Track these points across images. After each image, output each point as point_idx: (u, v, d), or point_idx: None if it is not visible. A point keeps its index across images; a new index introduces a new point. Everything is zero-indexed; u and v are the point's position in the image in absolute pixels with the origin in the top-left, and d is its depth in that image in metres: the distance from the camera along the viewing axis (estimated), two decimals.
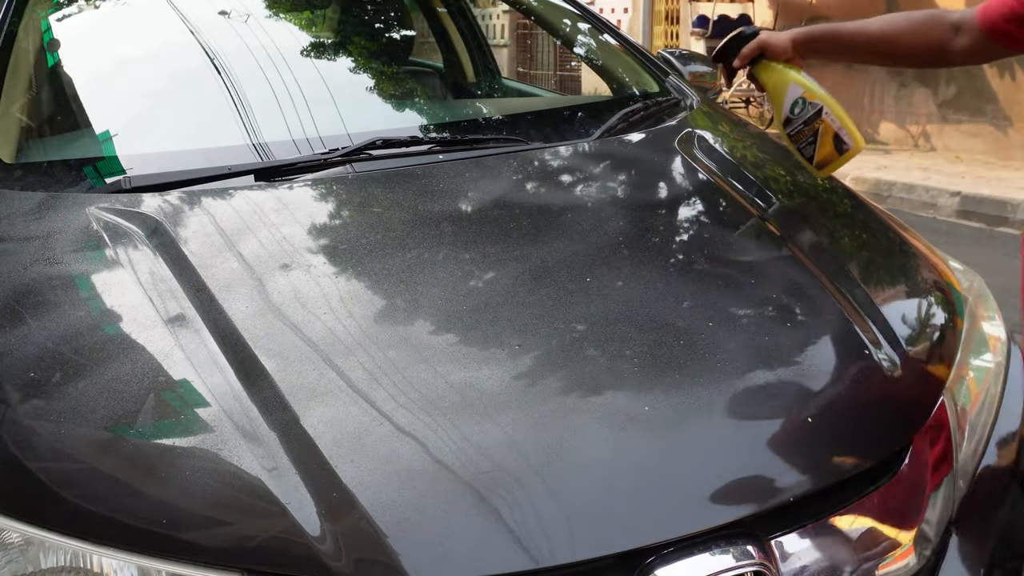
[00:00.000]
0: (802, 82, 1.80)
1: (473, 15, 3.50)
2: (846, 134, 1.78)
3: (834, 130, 1.78)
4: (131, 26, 2.30)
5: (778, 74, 1.82)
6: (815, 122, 1.79)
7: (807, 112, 1.80)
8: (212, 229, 1.58)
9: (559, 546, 1.08)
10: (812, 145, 1.82)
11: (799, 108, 1.80)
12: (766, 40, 1.81)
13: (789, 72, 1.81)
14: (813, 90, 1.80)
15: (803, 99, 1.79)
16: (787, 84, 1.81)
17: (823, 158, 1.82)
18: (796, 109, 1.80)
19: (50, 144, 2.05)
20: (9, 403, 1.25)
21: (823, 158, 1.82)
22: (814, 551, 1.20)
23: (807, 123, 1.80)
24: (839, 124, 1.78)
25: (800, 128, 1.82)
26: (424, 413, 1.19)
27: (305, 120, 1.93)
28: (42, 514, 1.13)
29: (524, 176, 1.86)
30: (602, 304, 1.43)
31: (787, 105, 1.81)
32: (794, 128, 1.83)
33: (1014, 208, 5.94)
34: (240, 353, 1.29)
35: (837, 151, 1.80)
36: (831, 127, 1.78)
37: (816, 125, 1.79)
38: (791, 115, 1.82)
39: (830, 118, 1.78)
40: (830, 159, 1.82)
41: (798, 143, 1.84)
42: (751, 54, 1.83)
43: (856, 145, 1.79)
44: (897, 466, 1.31)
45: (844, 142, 1.79)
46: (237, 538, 1.09)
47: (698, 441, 1.22)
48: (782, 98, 1.82)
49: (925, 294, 1.69)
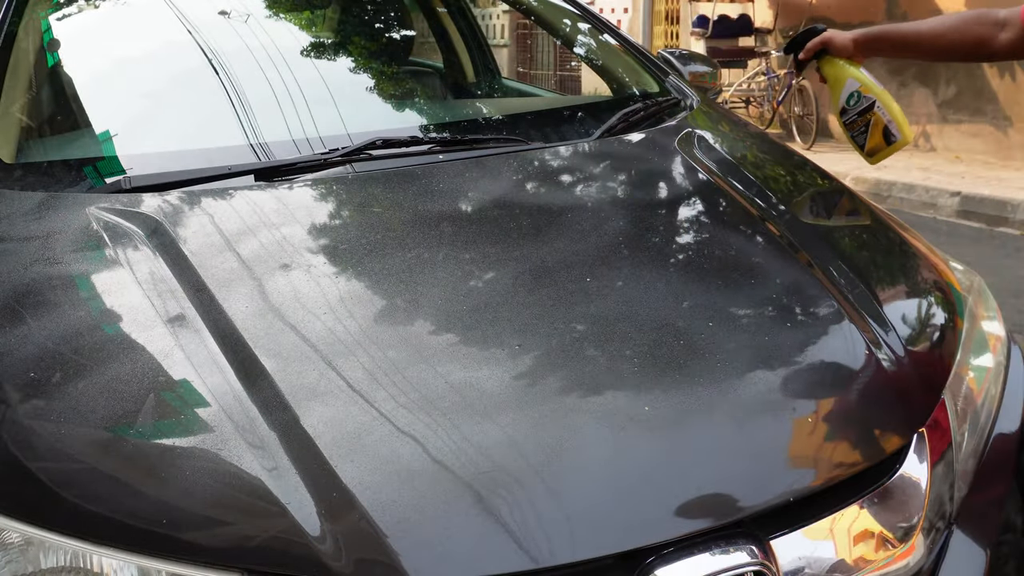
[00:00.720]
0: (859, 77, 1.98)
1: (473, 15, 3.50)
2: (895, 127, 1.96)
3: (884, 122, 1.96)
4: (131, 26, 2.30)
5: (838, 68, 2.01)
6: (868, 114, 1.97)
7: (861, 104, 1.98)
8: (212, 229, 1.58)
9: (559, 546, 1.08)
10: (864, 135, 2.00)
11: (854, 100, 1.98)
12: (830, 37, 2.01)
13: (848, 67, 2.00)
14: (869, 85, 1.98)
15: (858, 92, 1.98)
16: (845, 78, 1.99)
17: (873, 146, 2.00)
18: (852, 101, 1.99)
19: (50, 144, 2.05)
20: (9, 403, 1.25)
21: (873, 146, 2.00)
22: (814, 551, 1.20)
23: (860, 114, 1.98)
24: (889, 117, 1.96)
25: (854, 118, 2.00)
26: (424, 413, 1.19)
27: (305, 120, 1.93)
28: (42, 514, 1.13)
29: (524, 176, 1.86)
30: (602, 304, 1.43)
31: (843, 97, 2.00)
32: (849, 118, 2.01)
33: (1014, 208, 5.94)
34: (240, 353, 1.29)
35: (886, 141, 1.98)
36: (881, 119, 1.96)
37: (868, 116, 1.98)
38: (847, 106, 2.00)
39: (881, 111, 1.96)
40: (879, 148, 1.99)
41: (852, 131, 2.02)
42: (814, 48, 2.02)
43: (904, 137, 1.96)
44: (897, 466, 1.31)
45: (892, 134, 1.96)
46: (237, 538, 1.09)
47: (698, 441, 1.23)
48: (840, 90, 2.01)
49: (925, 294, 1.69)
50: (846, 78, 2.00)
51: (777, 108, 9.05)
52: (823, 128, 8.82)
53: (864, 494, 1.26)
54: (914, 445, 1.34)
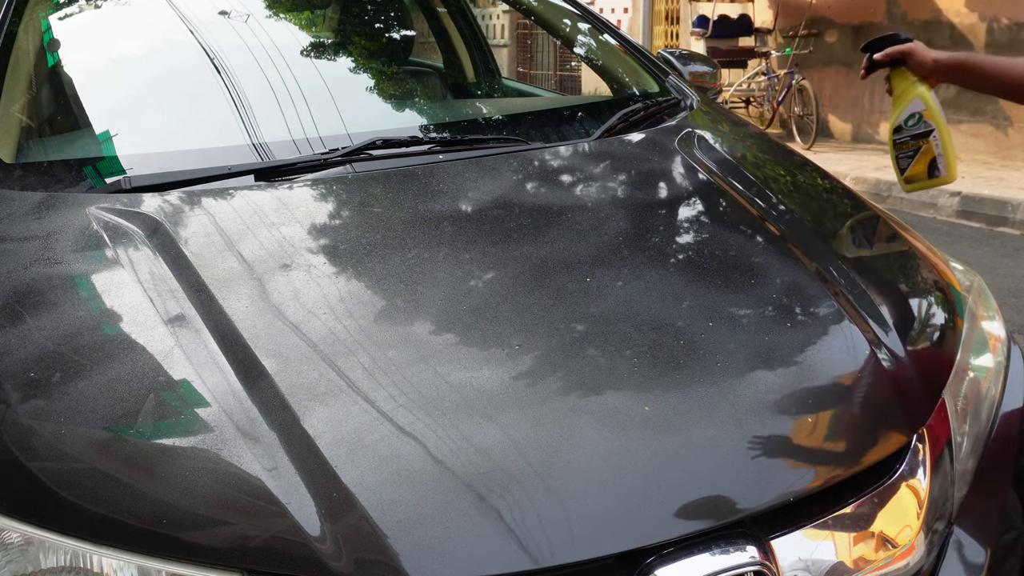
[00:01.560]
0: (927, 99, 1.91)
1: (473, 15, 3.50)
2: (943, 162, 1.90)
3: (935, 154, 1.91)
4: (131, 26, 2.30)
5: (908, 84, 1.93)
6: (921, 140, 1.91)
7: (918, 128, 1.91)
8: (212, 229, 1.58)
9: (559, 546, 1.08)
10: (910, 159, 1.94)
11: (913, 121, 1.92)
12: (913, 49, 1.91)
13: (919, 86, 1.92)
14: (933, 110, 1.90)
15: (920, 115, 1.91)
16: (912, 96, 1.92)
17: (914, 174, 1.94)
18: (910, 121, 1.92)
19: (50, 144, 2.05)
20: (9, 403, 1.25)
21: (914, 174, 1.94)
22: (814, 551, 1.20)
23: (914, 137, 1.92)
24: (941, 151, 1.90)
25: (906, 139, 1.94)
26: (424, 413, 1.19)
27: (305, 120, 1.94)
28: (42, 514, 1.13)
29: (524, 176, 1.86)
30: (602, 304, 1.43)
31: (904, 114, 1.92)
32: (901, 137, 1.94)
33: (1014, 208, 5.94)
34: (240, 353, 1.29)
35: (928, 174, 1.93)
36: (933, 150, 1.90)
37: (921, 143, 1.91)
38: (903, 124, 1.93)
39: (936, 142, 1.90)
40: (919, 178, 1.94)
41: (899, 152, 1.96)
42: (894, 55, 1.93)
43: (948, 175, 1.91)
44: (897, 466, 1.31)
45: (938, 168, 1.91)
46: (237, 538, 1.09)
47: (698, 441, 1.22)
48: (903, 106, 1.93)
49: (925, 294, 1.69)
50: (913, 96, 1.92)
51: (777, 108, 9.05)
52: (823, 128, 8.83)
53: (864, 494, 1.26)
54: (914, 445, 1.34)
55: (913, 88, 1.92)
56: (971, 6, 7.72)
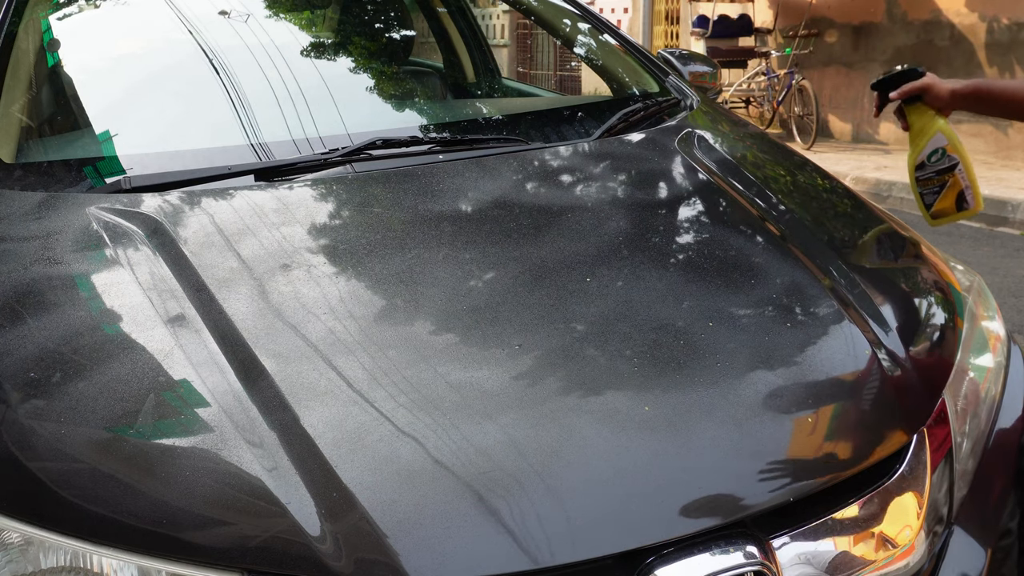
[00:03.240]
0: (949, 134, 1.89)
1: (473, 15, 3.50)
2: (971, 194, 1.88)
3: (962, 187, 1.88)
4: (131, 26, 2.30)
5: (927, 120, 1.90)
6: (947, 175, 1.89)
7: (943, 163, 1.89)
8: (212, 229, 1.58)
9: (559, 546, 1.08)
10: (936, 194, 1.91)
11: (936, 157, 1.89)
12: (931, 84, 1.89)
13: (938, 121, 1.90)
14: (956, 144, 1.88)
15: (943, 150, 1.88)
16: (934, 132, 1.89)
17: (941, 209, 1.92)
18: (934, 157, 1.89)
19: (50, 144, 2.05)
20: (9, 403, 1.25)
21: (941, 209, 1.92)
22: (814, 551, 1.20)
23: (939, 172, 1.89)
24: (968, 183, 1.88)
25: (931, 175, 1.91)
26: (424, 413, 1.19)
27: (305, 120, 1.94)
28: (42, 514, 1.13)
29: (524, 176, 1.86)
30: (602, 304, 1.43)
31: (927, 150, 1.90)
32: (925, 174, 1.92)
33: (1014, 208, 5.94)
34: (240, 353, 1.29)
35: (957, 207, 1.90)
36: (960, 183, 1.88)
37: (946, 177, 1.89)
38: (927, 161, 1.90)
39: (962, 175, 1.88)
40: (947, 212, 1.92)
41: (923, 188, 1.93)
42: (911, 91, 1.90)
43: (976, 206, 1.89)
44: (897, 466, 1.31)
45: (967, 201, 1.89)
46: (237, 538, 1.09)
47: (698, 441, 1.22)
48: (924, 142, 1.90)
49: (925, 294, 1.69)
50: (935, 132, 1.89)
51: (777, 108, 9.05)
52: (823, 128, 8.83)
53: (864, 494, 1.26)
54: (914, 445, 1.34)
55: (933, 123, 1.89)
56: (971, 6, 7.72)
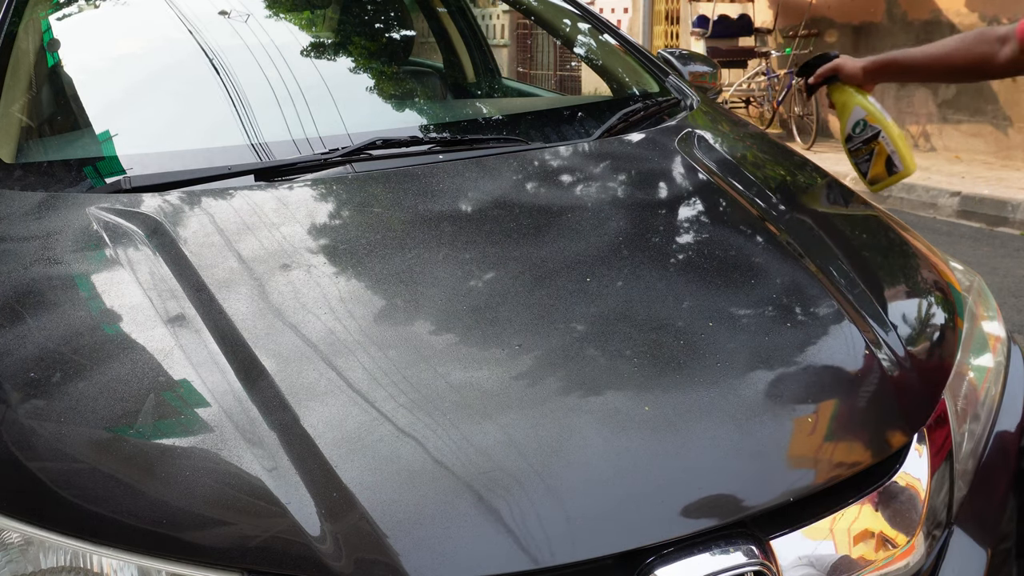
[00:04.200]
0: (866, 106, 2.02)
1: (473, 15, 3.50)
2: (897, 157, 2.00)
3: (888, 152, 2.00)
4: (131, 26, 2.30)
5: (847, 96, 2.05)
6: (872, 143, 2.01)
7: (866, 133, 2.01)
8: (212, 229, 1.58)
9: (559, 546, 1.08)
10: (867, 163, 2.04)
11: (860, 128, 2.02)
12: (841, 64, 2.04)
13: (856, 96, 2.03)
14: (874, 114, 2.01)
15: (864, 121, 2.01)
16: (853, 106, 2.03)
17: (875, 175, 2.04)
18: (857, 129, 2.02)
19: (50, 144, 2.05)
20: (9, 403, 1.25)
21: (875, 175, 2.04)
22: (814, 551, 1.20)
23: (865, 143, 2.02)
24: (892, 148, 1.99)
25: (859, 146, 2.04)
26: (424, 413, 1.19)
27: (305, 120, 1.93)
28: (42, 514, 1.13)
29: (524, 176, 1.86)
30: (602, 304, 1.43)
31: (850, 124, 2.04)
32: (854, 145, 2.05)
33: (1014, 208, 5.94)
34: (240, 353, 1.29)
35: (888, 171, 2.02)
36: (885, 149, 2.00)
37: (872, 146, 2.01)
38: (852, 133, 2.04)
39: (885, 141, 1.99)
40: (881, 177, 2.03)
41: (856, 159, 2.06)
42: (825, 73, 2.06)
43: (906, 169, 2.00)
44: (897, 466, 1.31)
45: (895, 164, 2.00)
46: (237, 538, 1.09)
47: (698, 441, 1.22)
48: (847, 117, 2.04)
49: (925, 294, 1.69)
50: (853, 106, 2.02)
51: (777, 108, 9.05)
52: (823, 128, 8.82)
53: (864, 494, 1.26)
54: (914, 445, 1.34)
55: (852, 98, 2.04)
56: (971, 6, 7.72)
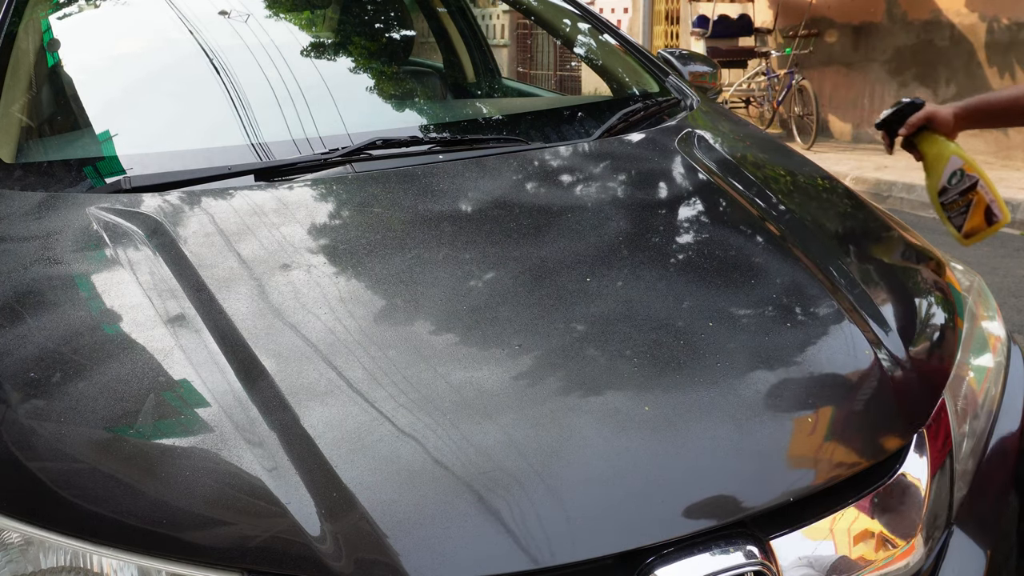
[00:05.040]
0: (962, 155, 1.94)
1: (473, 15, 3.50)
2: (996, 207, 1.93)
3: (987, 202, 1.93)
4: (131, 26, 2.30)
5: (940, 146, 1.96)
6: (970, 193, 1.93)
7: (964, 184, 1.93)
8: (212, 229, 1.58)
9: (559, 546, 1.08)
10: (963, 215, 1.96)
11: (956, 179, 1.94)
12: (933, 113, 1.94)
13: (950, 145, 1.95)
14: (972, 164, 1.94)
15: (962, 171, 1.93)
16: (948, 156, 1.95)
17: (972, 228, 1.97)
18: (953, 180, 1.94)
19: (50, 144, 2.05)
20: (9, 403, 1.25)
21: (972, 228, 1.97)
22: (814, 551, 1.20)
23: (962, 194, 1.94)
24: (991, 197, 1.93)
25: (955, 198, 1.96)
26: (424, 413, 1.19)
27: (305, 120, 1.94)
28: (42, 514, 1.13)
29: (524, 176, 1.86)
30: (602, 304, 1.43)
31: (946, 175, 1.95)
32: (949, 197, 1.97)
33: (1014, 208, 5.94)
34: (240, 353, 1.29)
35: (987, 222, 1.95)
36: (984, 199, 1.93)
37: (970, 196, 1.94)
38: (948, 185, 1.95)
39: (984, 191, 1.92)
40: (978, 229, 1.96)
41: (950, 212, 1.98)
42: (918, 123, 1.96)
43: (1004, 218, 1.94)
44: (897, 466, 1.31)
45: (995, 214, 1.93)
46: (237, 538, 1.09)
47: (698, 441, 1.22)
48: (941, 168, 1.95)
49: (925, 294, 1.69)
50: (949, 156, 1.94)
51: (777, 108, 9.06)
52: (823, 128, 8.83)
53: (864, 494, 1.26)
54: (914, 445, 1.34)
55: (946, 148, 1.95)
56: (971, 6, 7.72)
